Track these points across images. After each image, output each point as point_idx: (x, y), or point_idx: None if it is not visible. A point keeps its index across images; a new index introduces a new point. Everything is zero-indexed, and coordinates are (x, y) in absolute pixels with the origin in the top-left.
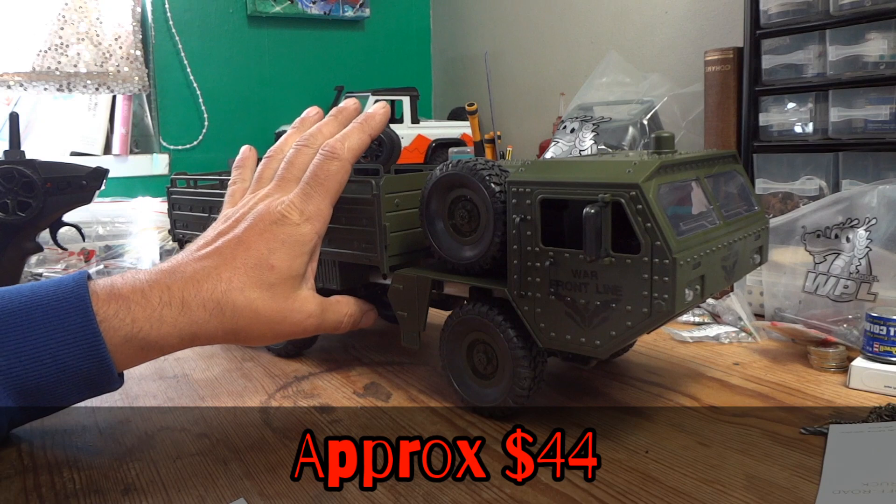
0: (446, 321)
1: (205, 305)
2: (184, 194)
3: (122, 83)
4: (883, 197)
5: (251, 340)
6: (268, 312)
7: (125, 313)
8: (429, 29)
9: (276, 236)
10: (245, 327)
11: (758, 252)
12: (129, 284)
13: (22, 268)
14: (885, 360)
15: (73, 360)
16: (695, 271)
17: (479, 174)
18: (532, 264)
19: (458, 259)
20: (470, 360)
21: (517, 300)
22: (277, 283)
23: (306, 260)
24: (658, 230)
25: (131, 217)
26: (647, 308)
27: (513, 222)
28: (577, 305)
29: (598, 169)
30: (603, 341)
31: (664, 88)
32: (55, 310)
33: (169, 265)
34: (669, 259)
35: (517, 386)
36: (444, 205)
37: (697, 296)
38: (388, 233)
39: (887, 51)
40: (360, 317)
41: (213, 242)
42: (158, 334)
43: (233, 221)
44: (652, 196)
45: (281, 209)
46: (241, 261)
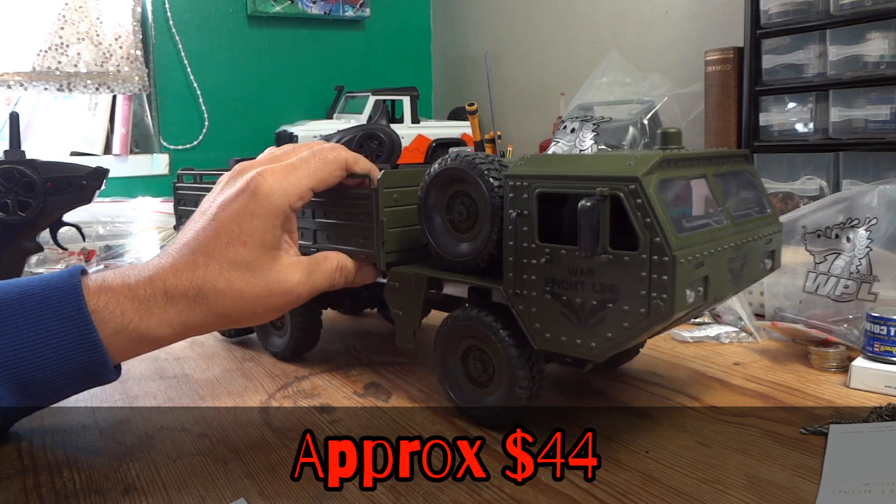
0: (438, 329)
1: (187, 294)
2: (190, 190)
3: (122, 83)
4: (883, 197)
5: (246, 321)
6: (252, 290)
7: (115, 305)
8: (429, 29)
9: (247, 208)
10: (233, 309)
11: (769, 257)
12: (118, 279)
13: (22, 267)
14: (886, 360)
15: (67, 349)
16: (697, 271)
17: (478, 168)
18: (528, 261)
19: (454, 256)
20: (465, 368)
21: (512, 299)
22: (254, 259)
23: (279, 233)
24: (658, 226)
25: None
26: (644, 308)
27: (509, 217)
28: (573, 305)
29: (598, 162)
30: (599, 343)
31: (664, 88)
32: (48, 300)
33: (155, 259)
34: (669, 256)
35: (514, 392)
36: (442, 200)
37: (700, 297)
38: (386, 228)
39: (887, 51)
40: (354, 269)
41: (192, 230)
42: (148, 326)
43: (210, 203)
44: (652, 190)
45: (252, 178)
46: (215, 243)
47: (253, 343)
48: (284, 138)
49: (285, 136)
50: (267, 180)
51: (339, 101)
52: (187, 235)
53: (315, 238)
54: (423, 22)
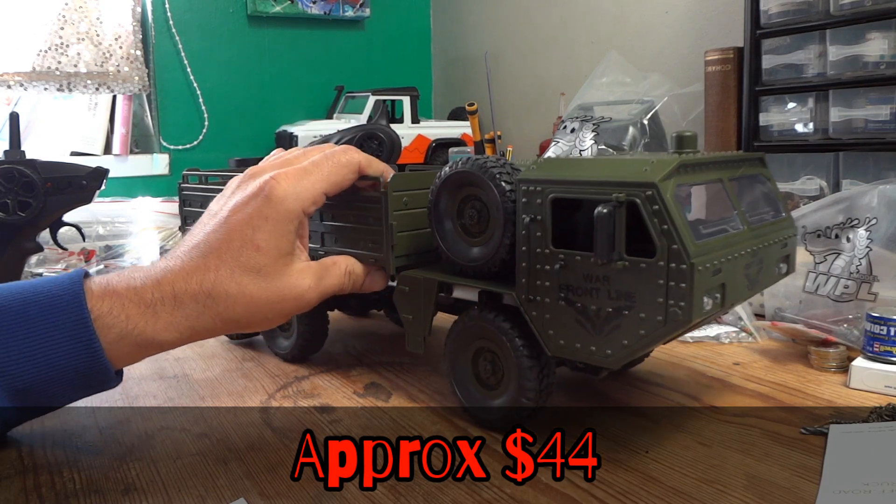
0: (451, 328)
1: (196, 298)
2: (195, 190)
3: (122, 83)
4: (883, 197)
5: (255, 326)
6: (263, 294)
7: (119, 310)
8: (429, 29)
9: (261, 213)
10: (243, 314)
11: (784, 261)
12: (123, 282)
13: (22, 268)
14: (886, 360)
15: (67, 357)
16: (714, 278)
17: (490, 172)
18: (541, 267)
19: (465, 260)
20: (475, 369)
21: (525, 305)
22: (267, 264)
23: (293, 238)
24: (675, 233)
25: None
26: (661, 316)
27: (522, 222)
28: (588, 312)
29: (613, 167)
30: (614, 350)
31: (664, 88)
32: (50, 306)
33: (163, 262)
34: (687, 264)
35: (522, 397)
36: (453, 204)
37: (717, 304)
38: (396, 232)
39: (887, 51)
40: (363, 274)
41: (202, 233)
42: (154, 330)
43: (221, 205)
44: (669, 196)
45: (265, 183)
46: (227, 246)
47: (253, 343)
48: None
49: (285, 136)
50: (281, 184)
51: (339, 102)
52: (197, 238)
53: (323, 241)
54: (423, 22)
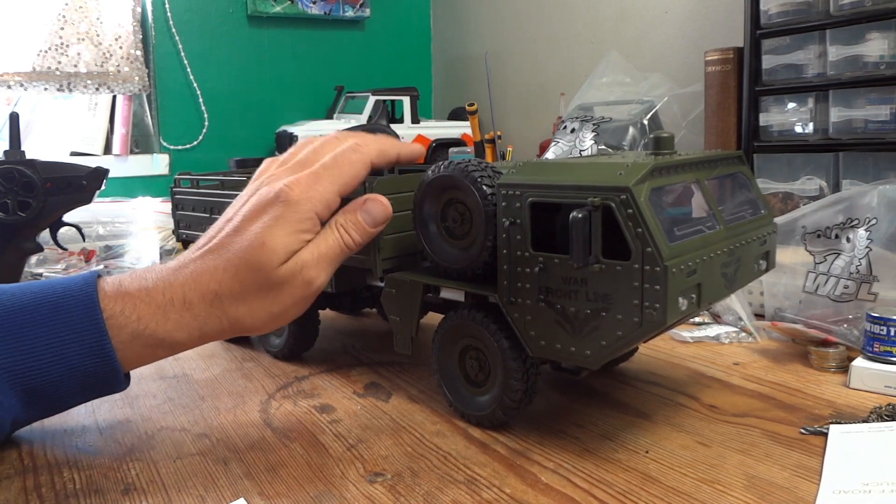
0: (438, 326)
1: (205, 300)
2: (187, 194)
3: (122, 83)
4: (883, 197)
5: (264, 328)
6: (274, 299)
7: (131, 310)
8: (429, 29)
9: (272, 213)
10: (250, 314)
11: (764, 258)
12: (135, 283)
13: (22, 268)
14: (886, 360)
15: (79, 358)
16: (689, 279)
17: (471, 176)
18: (522, 270)
19: (449, 263)
20: (462, 367)
21: (507, 307)
22: (279, 269)
23: (303, 238)
24: (649, 236)
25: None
26: (637, 318)
27: (503, 226)
28: (568, 313)
29: (589, 171)
30: (593, 351)
31: (664, 88)
32: (63, 307)
33: (175, 263)
34: (661, 266)
35: (507, 396)
36: (436, 207)
37: (693, 305)
38: (382, 235)
39: (887, 51)
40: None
41: (216, 236)
42: (164, 331)
43: (236, 211)
44: (643, 200)
45: (280, 190)
46: (235, 247)
47: (253, 343)
48: (284, 138)
49: (285, 136)
50: (294, 191)
51: (339, 101)
52: (211, 241)
53: None
54: (423, 22)
